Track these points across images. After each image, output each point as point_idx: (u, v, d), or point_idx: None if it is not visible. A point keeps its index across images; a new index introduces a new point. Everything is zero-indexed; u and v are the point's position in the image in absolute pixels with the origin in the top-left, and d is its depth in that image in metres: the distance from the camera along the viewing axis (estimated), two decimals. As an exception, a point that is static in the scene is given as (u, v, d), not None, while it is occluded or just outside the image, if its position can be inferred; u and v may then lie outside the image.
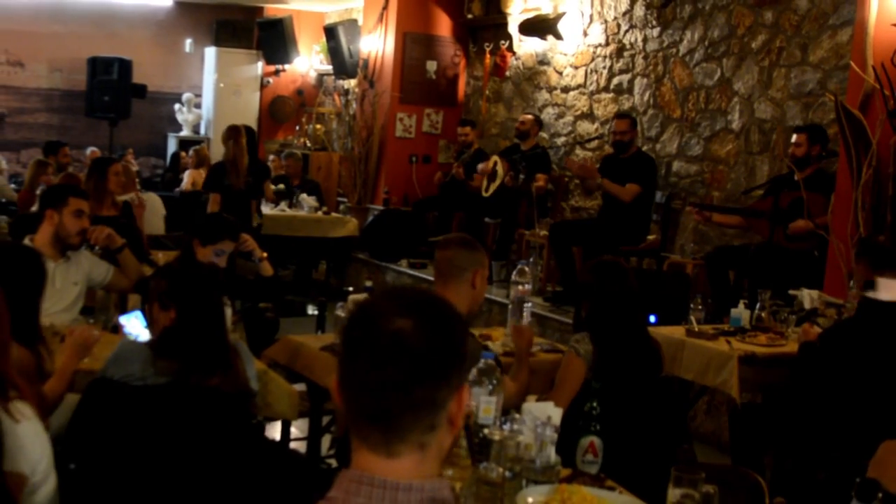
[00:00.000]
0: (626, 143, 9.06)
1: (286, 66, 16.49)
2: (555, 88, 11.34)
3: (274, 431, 5.87)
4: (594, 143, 10.55)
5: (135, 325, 4.83)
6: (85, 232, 5.57)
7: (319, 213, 11.91)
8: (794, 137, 7.62)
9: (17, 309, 3.93)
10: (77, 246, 5.58)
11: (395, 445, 1.84)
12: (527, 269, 5.64)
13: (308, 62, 16.56)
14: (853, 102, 6.81)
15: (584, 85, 10.92)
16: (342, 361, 1.86)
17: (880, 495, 2.37)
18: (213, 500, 3.66)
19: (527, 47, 11.71)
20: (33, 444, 3.00)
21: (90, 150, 13.99)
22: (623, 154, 9.10)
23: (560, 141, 11.17)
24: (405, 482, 1.83)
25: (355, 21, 14.14)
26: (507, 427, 3.31)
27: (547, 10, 11.25)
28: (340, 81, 15.07)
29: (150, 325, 4.14)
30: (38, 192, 9.13)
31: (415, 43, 12.83)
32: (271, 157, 13.29)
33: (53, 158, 11.45)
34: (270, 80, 16.80)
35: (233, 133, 10.02)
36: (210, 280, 4.07)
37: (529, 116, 10.84)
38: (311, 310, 10.79)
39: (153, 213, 9.44)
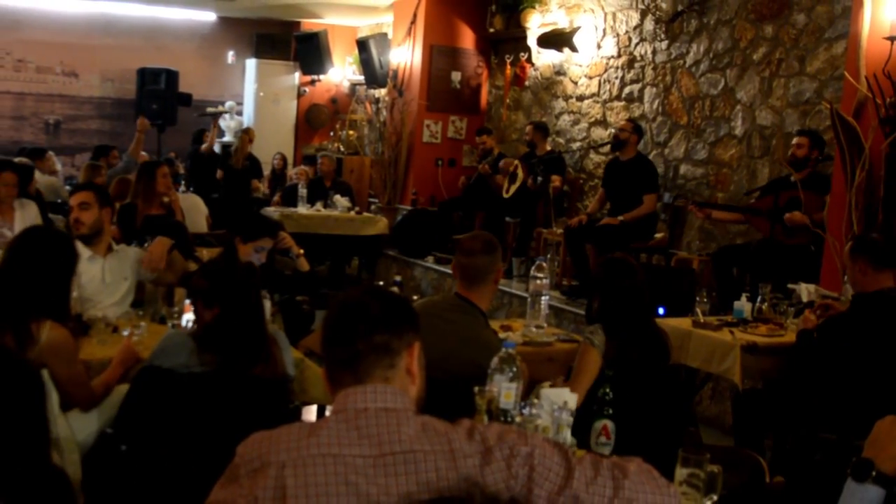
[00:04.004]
0: (623, 142, 9.20)
1: (321, 77, 16.55)
2: (570, 97, 11.33)
3: (310, 415, 5.90)
4: (607, 148, 10.55)
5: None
6: (81, 222, 5.40)
7: (352, 213, 11.92)
8: (795, 139, 7.61)
9: (49, 287, 4.00)
10: (81, 235, 5.37)
11: (364, 383, 2.22)
12: (544, 264, 5.65)
13: (342, 73, 16.60)
14: (847, 110, 6.79)
15: (597, 94, 10.91)
16: (325, 329, 2.29)
17: (874, 474, 2.37)
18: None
19: (545, 59, 11.70)
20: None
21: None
22: (623, 156, 9.16)
23: (575, 146, 11.17)
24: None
25: (385, 35, 14.17)
26: (526, 412, 3.33)
27: (563, 24, 11.26)
28: (372, 90, 15.12)
29: (197, 317, 4.17)
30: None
31: (441, 55, 12.84)
32: (320, 159, 13.16)
33: (105, 160, 11.51)
34: (307, 89, 16.85)
35: (244, 132, 13.57)
36: (248, 280, 4.09)
37: (529, 126, 10.85)
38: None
39: (196, 212, 9.44)
